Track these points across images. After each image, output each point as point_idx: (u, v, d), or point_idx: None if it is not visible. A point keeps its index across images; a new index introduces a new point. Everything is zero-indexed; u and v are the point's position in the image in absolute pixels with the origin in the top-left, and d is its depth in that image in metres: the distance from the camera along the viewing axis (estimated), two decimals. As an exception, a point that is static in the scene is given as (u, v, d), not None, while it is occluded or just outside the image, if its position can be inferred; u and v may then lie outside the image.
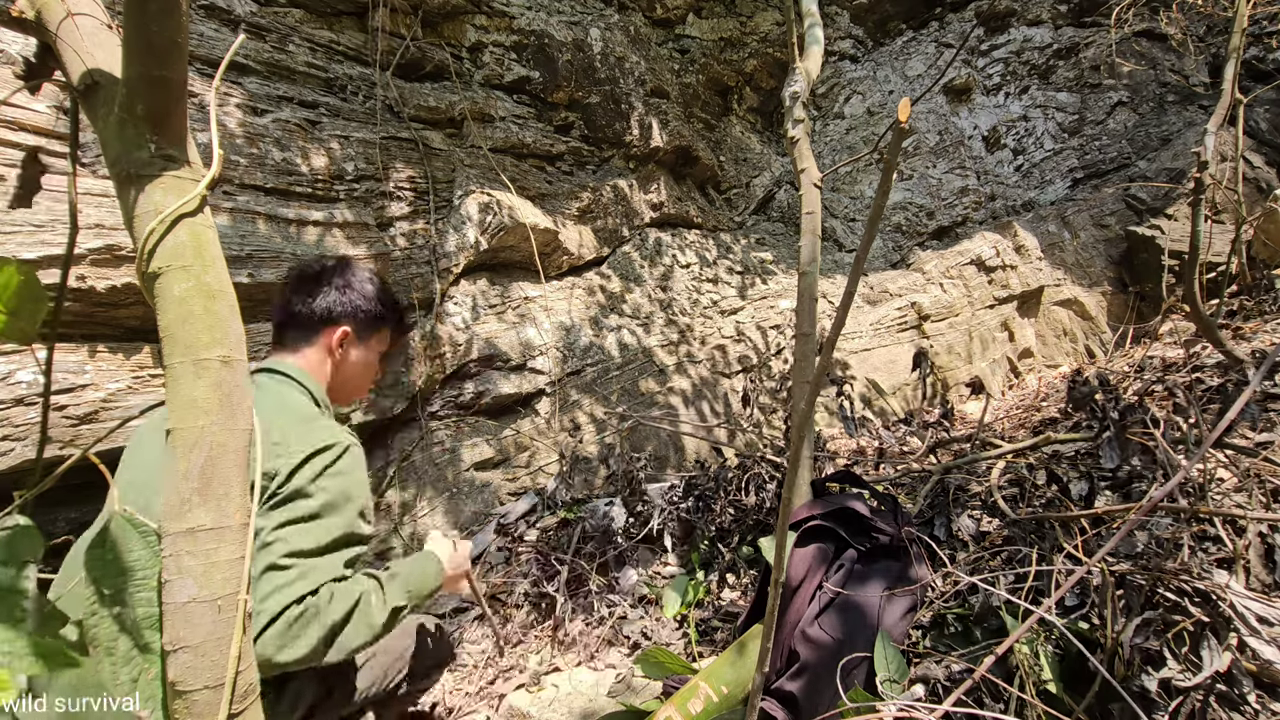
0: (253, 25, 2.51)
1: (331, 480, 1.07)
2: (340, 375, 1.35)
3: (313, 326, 1.31)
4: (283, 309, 1.33)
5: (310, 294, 1.32)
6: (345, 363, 1.35)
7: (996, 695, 1.07)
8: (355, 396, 1.46)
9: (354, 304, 1.35)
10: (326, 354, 1.32)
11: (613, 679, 1.59)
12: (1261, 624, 0.99)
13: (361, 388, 1.44)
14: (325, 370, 1.32)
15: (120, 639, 0.70)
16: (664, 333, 3.25)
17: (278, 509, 1.02)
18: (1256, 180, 3.92)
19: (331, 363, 1.33)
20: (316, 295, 1.32)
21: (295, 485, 1.03)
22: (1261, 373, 0.81)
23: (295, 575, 0.99)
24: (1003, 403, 3.30)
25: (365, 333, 1.39)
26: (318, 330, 1.32)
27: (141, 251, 0.75)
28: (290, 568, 0.99)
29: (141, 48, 0.71)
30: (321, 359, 1.32)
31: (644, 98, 3.80)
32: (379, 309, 1.40)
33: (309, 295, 1.32)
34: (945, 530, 1.56)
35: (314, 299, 1.32)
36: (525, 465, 2.62)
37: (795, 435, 0.89)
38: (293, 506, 1.03)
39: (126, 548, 0.72)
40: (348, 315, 1.34)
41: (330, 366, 1.33)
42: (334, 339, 1.32)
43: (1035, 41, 4.72)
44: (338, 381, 1.36)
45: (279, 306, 1.34)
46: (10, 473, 1.57)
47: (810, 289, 1.56)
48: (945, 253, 3.98)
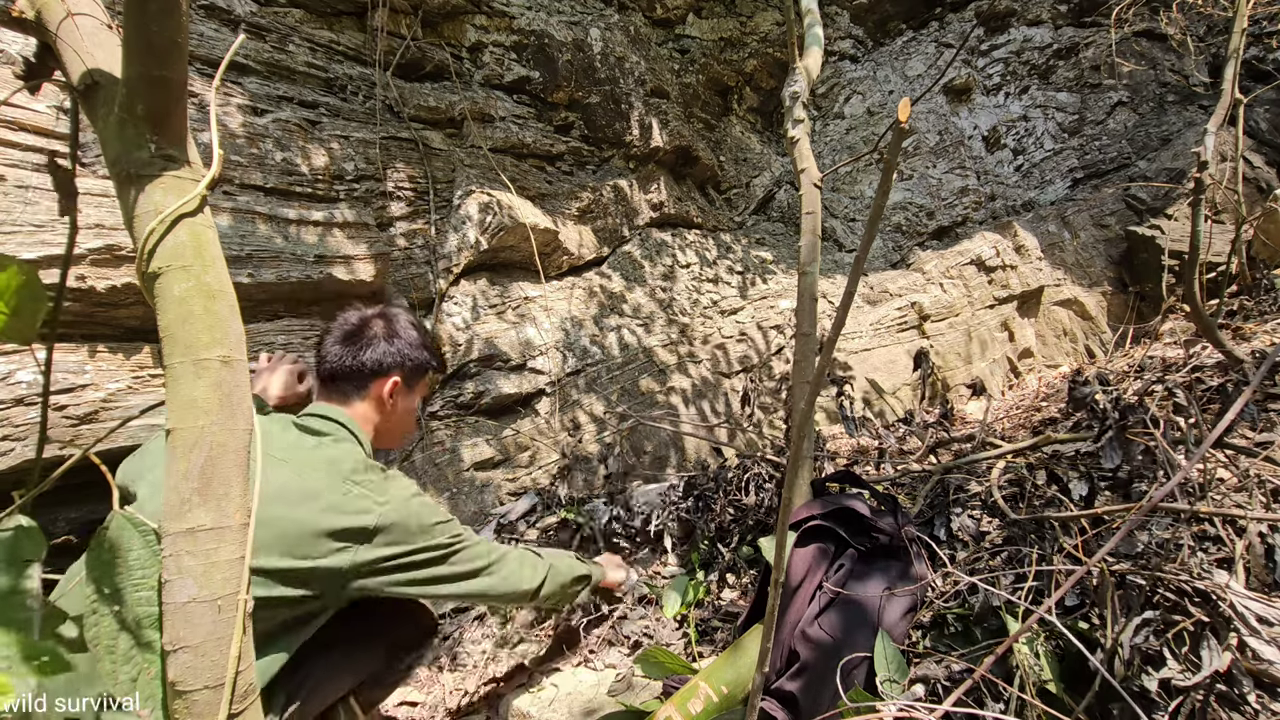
0: (253, 25, 2.51)
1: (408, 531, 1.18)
2: (389, 423, 1.39)
3: (363, 379, 1.35)
4: (330, 362, 1.35)
5: (358, 346, 1.35)
6: (395, 412, 1.40)
7: (996, 695, 1.07)
8: (401, 440, 1.51)
9: (402, 354, 1.39)
10: (377, 405, 1.36)
11: (613, 679, 1.58)
12: (1261, 624, 0.99)
13: (408, 431, 1.50)
14: (374, 419, 1.37)
15: (120, 637, 0.70)
16: (664, 332, 3.25)
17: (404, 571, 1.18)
18: (1256, 180, 3.91)
19: (382, 412, 1.37)
20: (365, 348, 1.35)
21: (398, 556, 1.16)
22: (1261, 373, 0.81)
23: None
24: (1003, 403, 3.30)
25: (413, 380, 1.43)
26: (368, 382, 1.35)
27: (141, 251, 0.75)
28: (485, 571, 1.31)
29: (141, 48, 0.71)
30: (370, 410, 1.36)
31: (644, 98, 3.80)
32: (424, 355, 1.44)
33: (357, 347, 1.35)
34: (945, 530, 1.56)
35: (363, 351, 1.35)
36: (525, 465, 2.62)
37: (795, 435, 0.89)
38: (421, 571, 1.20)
39: (126, 547, 0.72)
40: (397, 366, 1.38)
41: (380, 416, 1.37)
42: (385, 390, 1.36)
43: (1035, 41, 4.72)
44: (385, 428, 1.40)
45: (325, 359, 1.36)
46: (10, 473, 1.57)
47: (810, 289, 1.56)
48: (945, 253, 3.98)
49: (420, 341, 1.44)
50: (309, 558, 1.05)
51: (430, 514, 1.21)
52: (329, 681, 1.22)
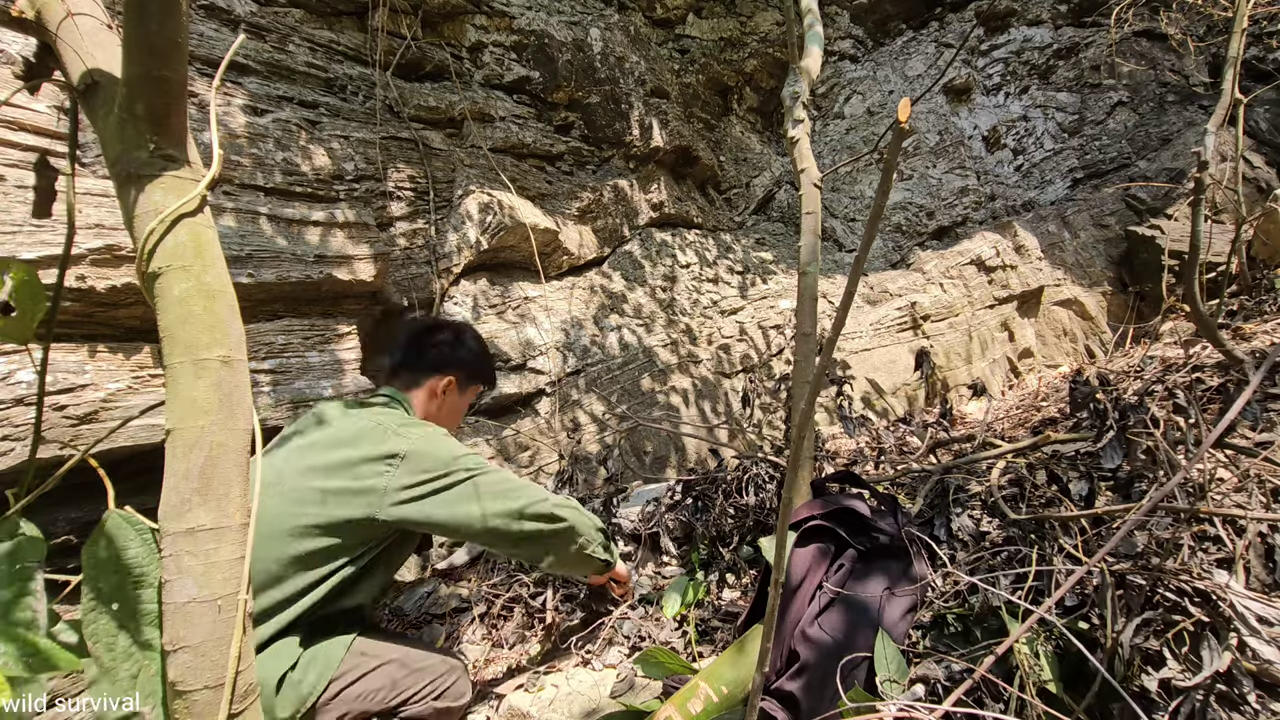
0: (253, 25, 2.51)
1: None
2: (436, 415, 1.57)
3: (424, 371, 1.57)
4: (401, 350, 1.59)
5: (426, 343, 1.59)
6: (444, 406, 1.59)
7: (996, 695, 1.06)
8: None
9: (461, 359, 1.60)
10: (430, 395, 1.57)
11: (613, 679, 1.58)
12: (1261, 624, 0.99)
13: (451, 427, 1.65)
14: (425, 407, 1.56)
15: (119, 635, 0.70)
16: (664, 332, 3.25)
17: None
18: (1256, 180, 3.91)
19: (434, 403, 1.57)
20: (430, 348, 1.58)
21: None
22: (1261, 373, 0.81)
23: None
24: (1003, 403, 3.30)
25: (465, 384, 1.64)
26: (427, 375, 1.56)
27: (141, 251, 0.75)
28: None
29: (141, 48, 0.71)
30: (425, 398, 1.56)
31: (644, 98, 3.80)
32: (481, 365, 1.66)
33: (424, 344, 1.59)
34: (945, 530, 1.56)
35: (428, 350, 1.58)
36: (526, 465, 2.62)
37: (795, 435, 0.89)
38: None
39: (122, 545, 0.72)
40: (454, 367, 1.59)
41: (433, 406, 1.57)
42: (440, 385, 1.57)
43: (1035, 41, 4.72)
44: (433, 417, 1.56)
45: (398, 347, 1.60)
46: (10, 473, 1.57)
47: (810, 289, 1.56)
48: (945, 253, 3.98)
49: (478, 355, 1.65)
50: (360, 478, 1.29)
51: (458, 448, 1.40)
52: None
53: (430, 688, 1.36)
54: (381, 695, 1.31)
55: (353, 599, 1.35)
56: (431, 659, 1.41)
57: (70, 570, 1.56)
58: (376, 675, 1.31)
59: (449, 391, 1.59)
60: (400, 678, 1.34)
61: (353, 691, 1.27)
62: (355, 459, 1.30)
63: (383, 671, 1.32)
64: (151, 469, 1.19)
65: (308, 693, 1.20)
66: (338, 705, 1.25)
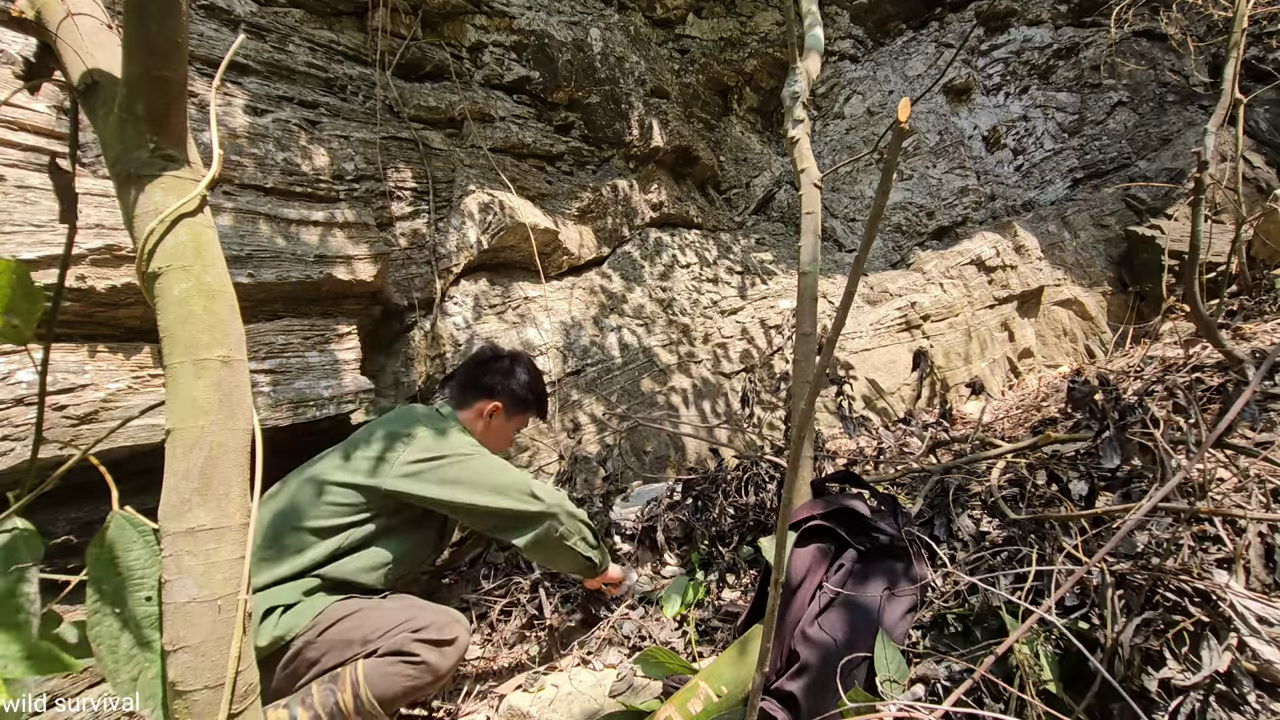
0: (253, 25, 2.51)
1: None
2: (483, 435, 1.72)
3: (476, 394, 1.75)
4: (462, 373, 1.82)
5: (481, 372, 1.78)
6: (490, 428, 1.76)
7: (996, 695, 1.06)
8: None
9: (509, 388, 1.77)
10: (477, 416, 1.74)
11: (613, 679, 1.58)
12: (1261, 624, 0.99)
13: (498, 448, 1.79)
14: (475, 427, 1.73)
15: (122, 637, 0.70)
16: (664, 332, 3.25)
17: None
18: (1256, 180, 3.91)
19: (479, 424, 1.74)
20: (485, 375, 1.77)
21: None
22: (1261, 373, 0.81)
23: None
24: (1003, 403, 3.30)
25: (512, 412, 1.80)
26: (477, 399, 1.75)
27: (141, 251, 0.75)
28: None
29: (141, 47, 0.71)
30: (473, 418, 1.74)
31: (644, 98, 3.80)
32: (528, 396, 1.80)
33: (480, 372, 1.78)
34: (945, 530, 1.56)
35: (483, 377, 1.77)
36: (525, 465, 2.62)
37: (795, 435, 0.89)
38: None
39: (125, 547, 0.72)
40: (501, 394, 1.76)
41: (479, 426, 1.74)
42: (486, 408, 1.74)
43: (1035, 41, 4.72)
44: (480, 438, 1.71)
45: (461, 369, 1.85)
46: (10, 472, 1.57)
47: (810, 289, 1.56)
48: (945, 253, 3.98)
49: (529, 386, 1.80)
50: (376, 449, 1.51)
51: (468, 445, 1.59)
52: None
53: (426, 621, 1.42)
54: (364, 632, 1.39)
55: (364, 573, 1.49)
56: (431, 605, 1.50)
57: (71, 570, 1.57)
58: (369, 614, 1.41)
59: (495, 415, 1.75)
60: (395, 609, 1.44)
61: (337, 630, 1.37)
62: (382, 435, 1.53)
63: (377, 612, 1.43)
64: (151, 469, 1.19)
65: (280, 634, 1.35)
66: (322, 645, 1.37)
